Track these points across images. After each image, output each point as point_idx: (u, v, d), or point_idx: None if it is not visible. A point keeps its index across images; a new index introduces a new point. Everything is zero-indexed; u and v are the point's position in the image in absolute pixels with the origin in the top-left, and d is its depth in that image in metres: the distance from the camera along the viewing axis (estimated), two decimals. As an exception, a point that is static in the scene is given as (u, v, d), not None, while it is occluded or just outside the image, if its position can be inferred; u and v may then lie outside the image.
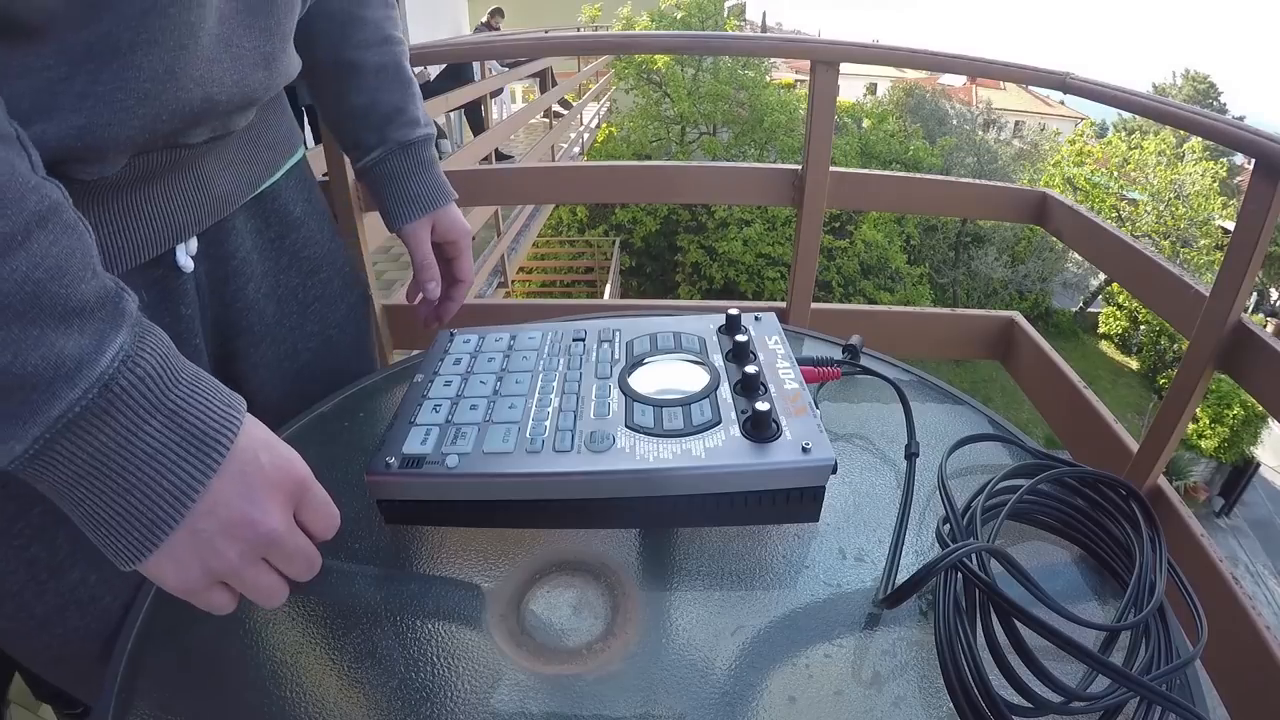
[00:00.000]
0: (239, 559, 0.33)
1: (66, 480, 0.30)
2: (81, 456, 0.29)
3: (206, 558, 0.32)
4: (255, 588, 0.35)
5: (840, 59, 1.31)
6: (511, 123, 5.70)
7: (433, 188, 0.65)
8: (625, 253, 10.82)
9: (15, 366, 0.27)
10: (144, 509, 0.31)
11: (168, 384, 0.31)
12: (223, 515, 0.32)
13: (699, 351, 0.49)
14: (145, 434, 0.30)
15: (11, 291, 0.27)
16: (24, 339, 0.27)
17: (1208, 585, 0.96)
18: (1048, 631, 0.33)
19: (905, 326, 1.65)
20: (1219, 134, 1.02)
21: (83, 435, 0.29)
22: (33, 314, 0.27)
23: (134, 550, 0.31)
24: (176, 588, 0.33)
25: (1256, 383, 0.96)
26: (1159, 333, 11.88)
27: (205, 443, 0.31)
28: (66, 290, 0.28)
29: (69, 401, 0.28)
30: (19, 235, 0.27)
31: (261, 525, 0.33)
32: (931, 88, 16.48)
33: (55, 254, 0.28)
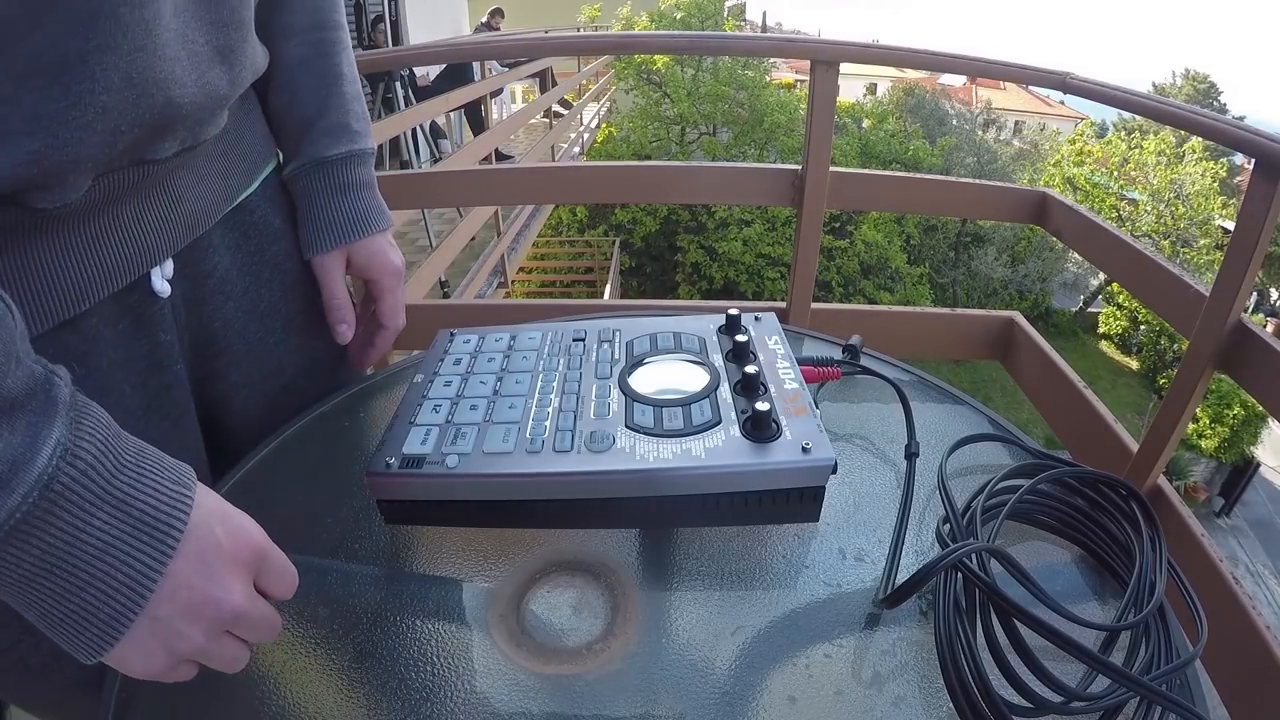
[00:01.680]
0: (204, 638, 0.32)
1: (16, 584, 0.28)
2: (29, 560, 0.28)
3: (171, 642, 0.31)
4: (220, 659, 0.34)
5: (840, 59, 1.31)
6: (511, 123, 5.70)
7: (353, 215, 0.56)
8: (625, 253, 10.82)
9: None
10: (100, 605, 0.29)
11: (111, 470, 0.29)
12: (184, 598, 0.31)
13: (699, 351, 0.49)
14: (93, 528, 0.29)
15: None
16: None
17: (1208, 585, 0.96)
18: (1048, 631, 0.33)
19: (905, 326, 1.65)
20: (1219, 134, 1.02)
21: (27, 539, 0.27)
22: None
23: (94, 646, 0.30)
24: (142, 674, 0.32)
25: (1256, 383, 0.96)
26: (1159, 333, 11.88)
27: (158, 529, 0.30)
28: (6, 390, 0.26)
29: (8, 509, 0.26)
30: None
31: (225, 604, 0.32)
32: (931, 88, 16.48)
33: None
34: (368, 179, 0.57)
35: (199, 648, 0.32)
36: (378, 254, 0.57)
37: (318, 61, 0.54)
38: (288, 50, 0.53)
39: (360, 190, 0.56)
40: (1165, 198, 12.29)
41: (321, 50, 0.54)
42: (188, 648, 0.32)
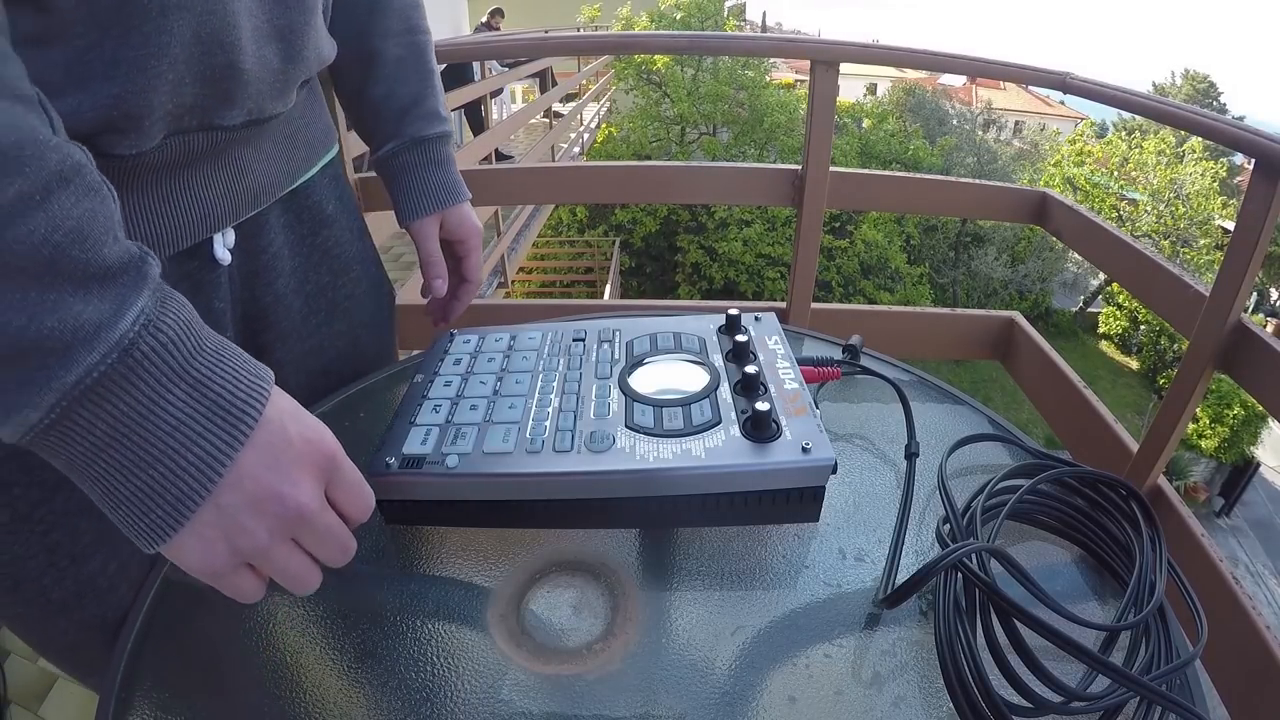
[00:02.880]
0: (267, 536, 0.31)
1: (85, 454, 0.28)
2: (100, 427, 0.28)
3: (233, 536, 0.30)
4: (285, 570, 0.33)
5: (840, 59, 1.31)
6: (511, 123, 5.70)
7: (445, 185, 0.64)
8: (625, 253, 10.82)
9: (30, 330, 0.25)
10: (168, 484, 0.29)
11: (191, 351, 0.29)
12: (249, 489, 0.30)
13: (699, 351, 0.49)
14: (168, 403, 0.29)
15: (28, 254, 0.25)
16: (40, 303, 0.26)
17: (1208, 585, 0.96)
18: (1048, 631, 0.33)
19: (905, 326, 1.65)
20: (1219, 134, 1.02)
21: (102, 404, 0.27)
22: (50, 278, 0.26)
23: (158, 529, 0.29)
24: (201, 570, 0.31)
25: (1256, 383, 0.96)
26: (1159, 333, 11.88)
27: (232, 414, 0.30)
28: (87, 255, 0.27)
29: (87, 366, 0.26)
30: (38, 195, 0.26)
31: (291, 499, 0.31)
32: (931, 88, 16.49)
33: (76, 215, 0.27)
34: (453, 156, 0.66)
35: (261, 547, 0.31)
36: (466, 218, 0.66)
37: (413, 59, 0.62)
38: (387, 49, 0.60)
39: (450, 165, 0.65)
40: (1165, 198, 12.29)
41: (415, 50, 0.62)
42: (250, 545, 0.31)
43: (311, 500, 0.32)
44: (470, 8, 9.09)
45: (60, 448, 0.28)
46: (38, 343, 0.26)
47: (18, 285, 0.25)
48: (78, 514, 0.41)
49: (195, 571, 0.31)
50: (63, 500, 0.40)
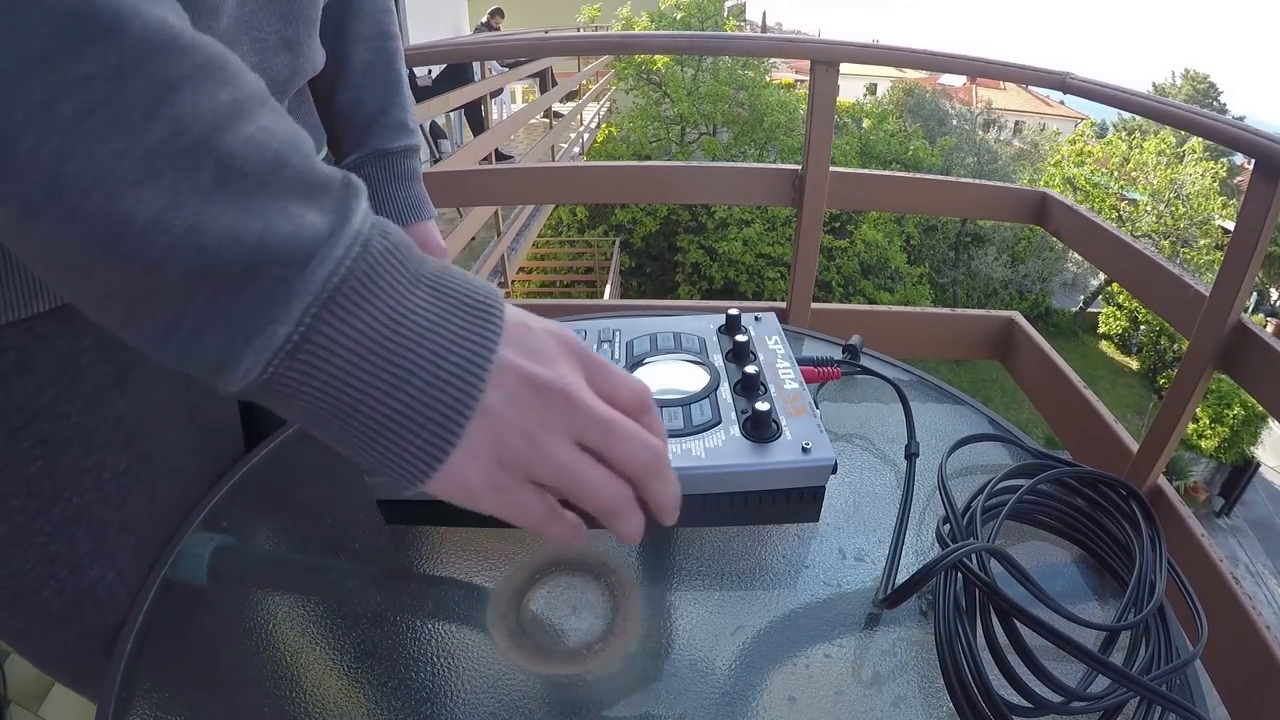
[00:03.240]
0: (541, 430, 0.28)
1: (336, 377, 0.25)
2: (351, 338, 0.25)
3: (504, 438, 0.27)
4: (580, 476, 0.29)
5: (840, 59, 1.31)
6: (511, 123, 5.70)
7: (407, 202, 0.61)
8: (625, 253, 10.82)
9: (269, 237, 0.23)
10: (434, 395, 0.26)
11: (418, 257, 0.27)
12: (512, 385, 0.27)
13: (699, 351, 0.49)
14: (415, 305, 0.26)
15: (252, 158, 0.24)
16: (270, 210, 0.24)
17: (1208, 585, 0.96)
18: (1048, 631, 0.33)
19: (905, 326, 1.65)
20: (1219, 134, 1.02)
21: (350, 309, 0.25)
22: (275, 183, 0.24)
23: (430, 452, 0.26)
24: (483, 488, 0.28)
25: (1256, 383, 0.96)
26: (1159, 333, 11.88)
27: (479, 310, 0.27)
28: (304, 163, 0.25)
29: (334, 261, 0.24)
30: (247, 106, 0.24)
31: (555, 382, 0.28)
32: (931, 88, 16.49)
33: (284, 129, 0.25)
34: (418, 171, 0.63)
35: (540, 446, 0.28)
36: (429, 237, 0.63)
37: (381, 66, 0.59)
38: (356, 55, 0.58)
39: (414, 180, 0.62)
40: (1165, 198, 12.29)
41: (384, 57, 0.60)
42: (528, 450, 0.28)
43: (574, 380, 0.29)
44: (470, 8, 9.09)
45: (307, 377, 0.25)
46: (276, 250, 0.24)
47: (244, 192, 0.23)
48: (74, 523, 0.41)
49: (476, 493, 0.28)
50: (60, 510, 0.40)
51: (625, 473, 0.30)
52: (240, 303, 0.24)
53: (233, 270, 0.23)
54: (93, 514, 0.41)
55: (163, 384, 0.44)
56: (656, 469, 0.30)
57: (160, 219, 0.22)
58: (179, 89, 0.23)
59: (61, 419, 0.38)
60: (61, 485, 0.39)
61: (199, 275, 0.23)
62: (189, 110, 0.23)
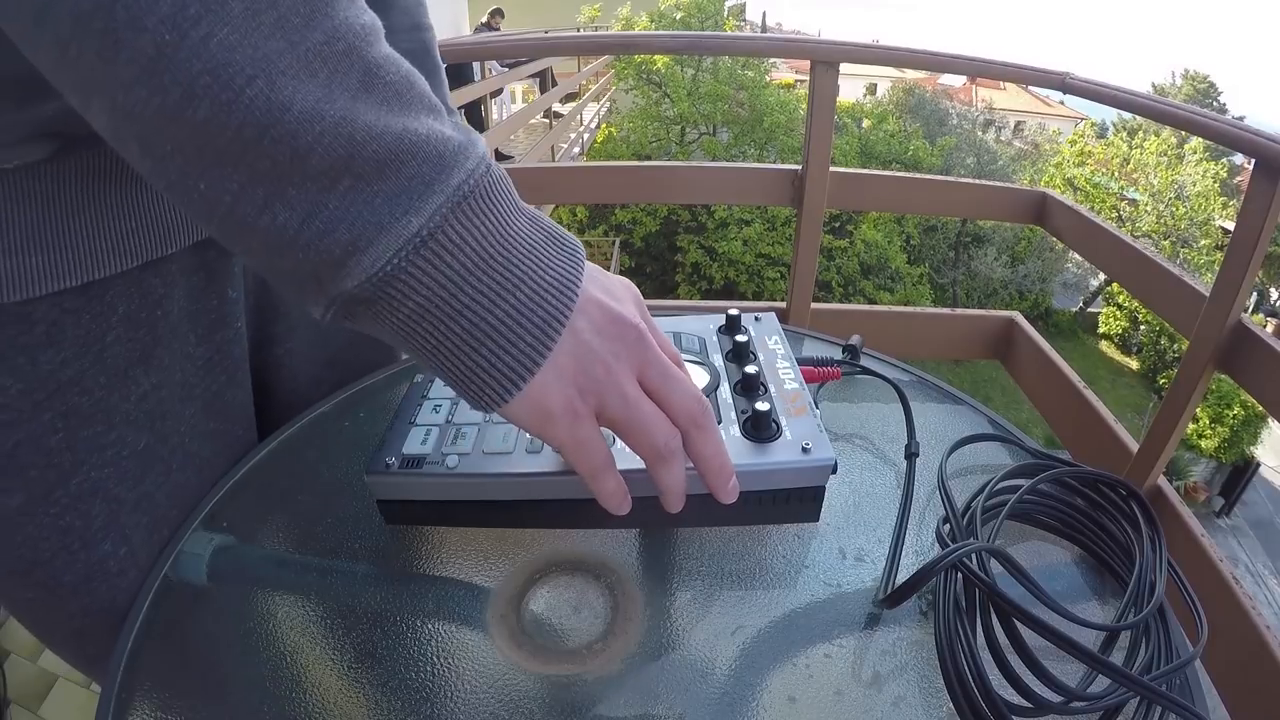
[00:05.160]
0: (616, 360, 0.30)
1: (454, 277, 0.27)
2: (472, 244, 0.27)
3: (587, 362, 0.29)
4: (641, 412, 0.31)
5: (840, 59, 1.31)
6: (511, 123, 5.70)
7: None
8: (625, 253, 10.82)
9: (409, 136, 0.26)
10: (534, 305, 0.28)
11: (518, 196, 0.30)
12: (594, 314, 0.30)
13: (699, 351, 0.49)
14: (520, 228, 0.29)
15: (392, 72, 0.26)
16: (407, 115, 0.26)
17: (1208, 585, 0.96)
18: (1048, 631, 0.33)
19: (905, 326, 1.65)
20: (1219, 134, 1.02)
21: (474, 217, 0.27)
22: (410, 98, 0.27)
23: (523, 362, 0.28)
24: (561, 410, 0.30)
25: (1256, 383, 0.96)
26: (1159, 333, 11.88)
27: (567, 247, 0.30)
28: (426, 91, 0.28)
29: (466, 170, 0.27)
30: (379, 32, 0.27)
31: (630, 318, 0.31)
32: (931, 88, 16.49)
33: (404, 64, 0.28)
34: None
35: (615, 376, 0.30)
36: None
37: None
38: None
39: None
40: (1166, 198, 12.29)
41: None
42: (605, 377, 0.30)
43: (644, 324, 0.32)
44: (470, 8, 9.09)
45: (427, 274, 0.27)
46: (417, 148, 0.26)
47: (386, 97, 0.26)
48: (90, 497, 0.41)
49: (555, 414, 0.30)
50: (77, 484, 0.41)
51: (676, 419, 0.32)
52: (378, 192, 0.25)
53: (376, 160, 0.25)
54: (109, 489, 0.41)
55: (184, 366, 0.45)
56: (701, 420, 0.33)
57: (315, 108, 0.24)
58: (334, 3, 0.25)
59: (85, 393, 0.39)
60: (81, 458, 0.40)
61: (344, 162, 0.25)
62: (341, 22, 0.25)
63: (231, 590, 0.42)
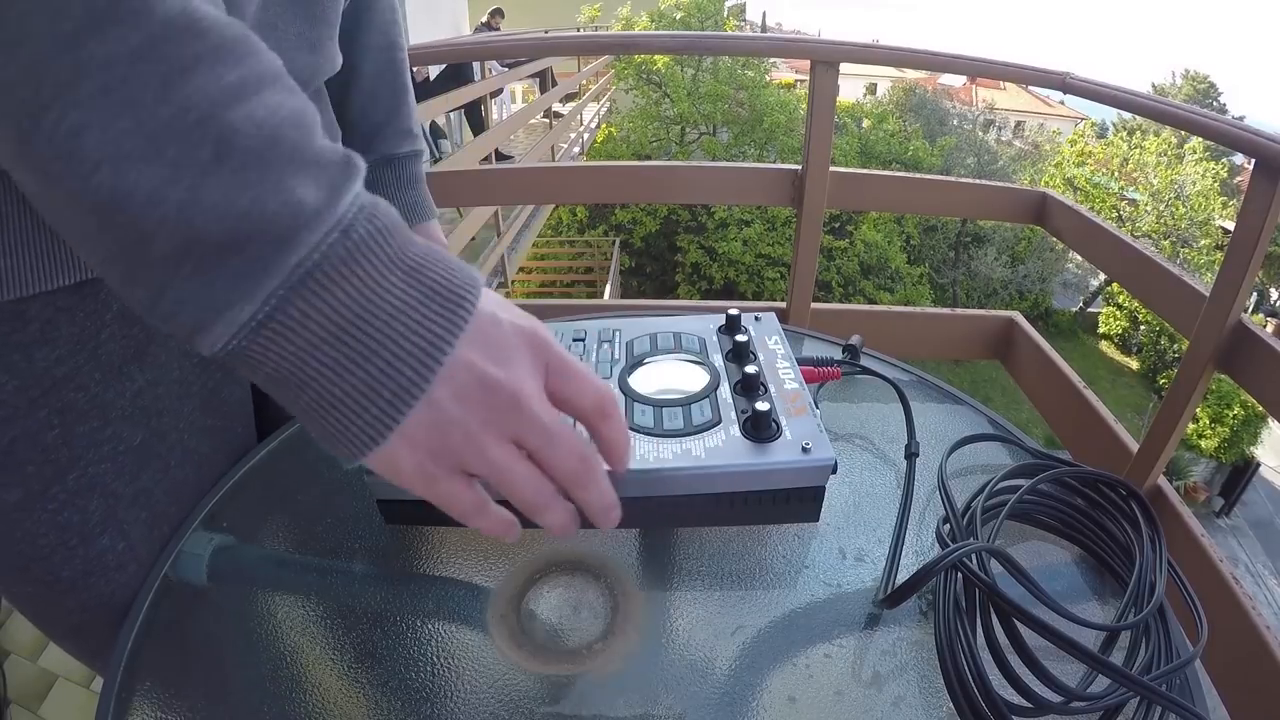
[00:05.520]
0: (480, 427, 0.29)
1: (296, 354, 0.26)
2: (316, 320, 0.26)
3: (444, 430, 0.28)
4: (507, 474, 0.30)
5: (840, 59, 1.31)
6: (511, 123, 5.70)
7: (411, 204, 0.64)
8: (625, 253, 10.82)
9: (254, 211, 0.25)
10: (386, 377, 0.27)
11: (404, 241, 0.28)
12: (462, 379, 0.28)
13: (699, 351, 0.49)
14: (387, 289, 0.27)
15: (251, 133, 0.25)
16: (262, 184, 0.25)
17: (1208, 585, 0.96)
18: (1048, 631, 0.33)
19: (905, 326, 1.65)
20: (1219, 134, 1.02)
21: (319, 291, 0.26)
22: (270, 157, 0.25)
23: (372, 431, 0.28)
24: (412, 475, 0.29)
25: (1256, 383, 0.96)
26: (1159, 333, 11.88)
27: (451, 300, 0.28)
28: (304, 138, 0.27)
29: (308, 246, 0.25)
30: (255, 84, 0.26)
31: (505, 383, 0.29)
32: (931, 88, 16.49)
33: (290, 106, 0.27)
34: (422, 175, 0.65)
35: (473, 439, 0.29)
36: (432, 236, 0.65)
37: (390, 75, 0.62)
38: (365, 64, 0.60)
39: (419, 184, 0.64)
40: (1166, 198, 12.29)
41: (392, 67, 0.62)
42: (464, 445, 0.29)
43: (526, 384, 0.30)
44: (470, 8, 9.09)
45: (268, 352, 0.26)
46: (259, 227, 0.25)
47: (240, 166, 0.25)
48: (88, 493, 0.41)
49: (406, 478, 0.29)
50: (74, 479, 0.41)
51: (554, 479, 0.32)
52: (218, 277, 0.25)
53: (217, 245, 0.25)
54: (106, 485, 0.42)
55: (180, 363, 0.45)
56: (582, 479, 0.32)
57: (158, 193, 0.24)
58: (191, 71, 0.24)
59: (80, 389, 0.39)
60: (77, 454, 0.40)
61: (185, 247, 0.25)
62: (197, 90, 0.24)
63: (231, 590, 0.42)
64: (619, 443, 0.34)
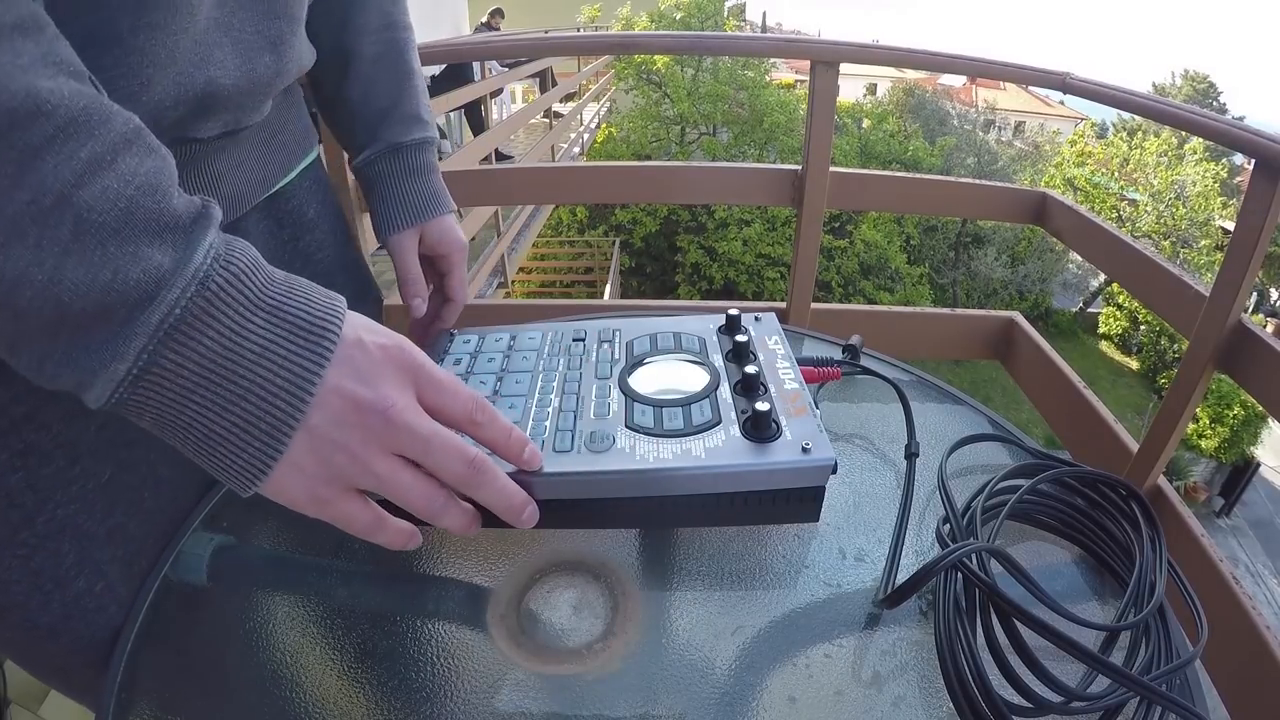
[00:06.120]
0: (361, 447, 0.31)
1: (174, 401, 0.29)
2: (188, 368, 0.28)
3: (327, 454, 0.30)
4: (397, 487, 0.32)
5: (840, 59, 1.31)
6: (511, 123, 5.70)
7: (425, 196, 0.60)
8: (625, 253, 10.82)
9: (116, 284, 0.26)
10: (260, 414, 0.29)
11: (262, 283, 0.30)
12: (335, 405, 0.30)
13: (699, 351, 0.49)
14: (250, 332, 0.29)
15: (106, 209, 0.26)
16: (121, 256, 0.26)
17: (1208, 585, 0.96)
18: (1048, 631, 0.33)
19: (905, 326, 1.65)
20: (1219, 134, 1.02)
21: (186, 342, 0.28)
22: (127, 230, 0.27)
23: (255, 465, 0.30)
24: (306, 500, 0.31)
25: (1256, 383, 0.96)
26: (1159, 333, 11.88)
27: (313, 334, 0.30)
28: (159, 205, 0.28)
29: (168, 304, 0.27)
30: (108, 156, 0.27)
31: (375, 402, 0.30)
32: (931, 88, 16.49)
33: (144, 172, 0.28)
34: (435, 164, 0.62)
35: (358, 459, 0.31)
36: (448, 231, 0.61)
37: (391, 57, 0.58)
38: (363, 47, 0.57)
39: (430, 173, 0.61)
40: (1166, 198, 12.29)
41: (394, 48, 0.58)
42: (345, 461, 0.31)
43: (396, 400, 0.31)
44: (470, 8, 9.09)
45: (148, 400, 0.28)
46: (123, 296, 0.27)
47: (98, 241, 0.26)
48: (59, 536, 0.40)
49: (300, 504, 0.31)
50: (43, 523, 0.39)
51: (445, 483, 0.34)
52: (91, 340, 0.27)
53: (85, 314, 0.26)
54: (78, 525, 0.40)
55: None
56: (471, 479, 0.33)
57: (24, 274, 0.25)
58: (41, 154, 0.25)
59: (42, 429, 0.38)
60: (44, 496, 0.39)
61: (57, 320, 0.26)
62: (50, 173, 0.25)
63: (231, 590, 0.42)
64: (503, 443, 0.36)
